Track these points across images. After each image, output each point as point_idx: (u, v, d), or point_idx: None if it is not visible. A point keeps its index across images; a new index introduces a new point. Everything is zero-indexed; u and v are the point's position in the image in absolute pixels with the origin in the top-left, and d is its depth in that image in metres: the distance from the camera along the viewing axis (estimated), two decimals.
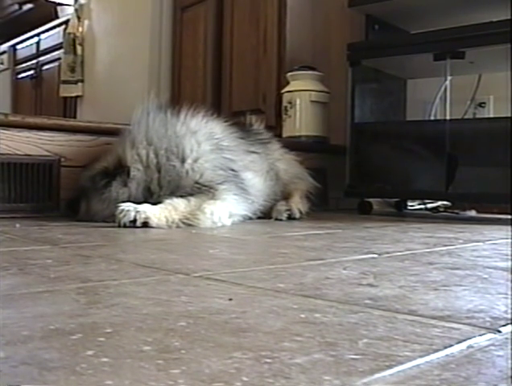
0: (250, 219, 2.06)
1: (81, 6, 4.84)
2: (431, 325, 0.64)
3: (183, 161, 1.92)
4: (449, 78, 2.64)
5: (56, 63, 5.31)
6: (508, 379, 0.47)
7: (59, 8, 5.71)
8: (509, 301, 0.78)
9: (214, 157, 1.99)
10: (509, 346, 0.56)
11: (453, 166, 2.53)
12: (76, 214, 1.95)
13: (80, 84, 4.81)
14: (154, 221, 1.71)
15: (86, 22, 4.80)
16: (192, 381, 0.45)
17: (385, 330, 0.61)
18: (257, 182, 2.17)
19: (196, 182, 1.90)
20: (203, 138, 2.00)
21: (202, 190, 1.88)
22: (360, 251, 1.30)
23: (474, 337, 0.59)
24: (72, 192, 2.04)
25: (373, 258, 1.19)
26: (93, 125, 2.31)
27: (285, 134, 3.06)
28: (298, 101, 3.03)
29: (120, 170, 1.89)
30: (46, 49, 5.66)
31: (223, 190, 1.90)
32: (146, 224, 1.69)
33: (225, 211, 1.87)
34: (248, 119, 2.53)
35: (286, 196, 2.32)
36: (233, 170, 2.01)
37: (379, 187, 2.78)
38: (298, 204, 2.27)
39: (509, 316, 0.69)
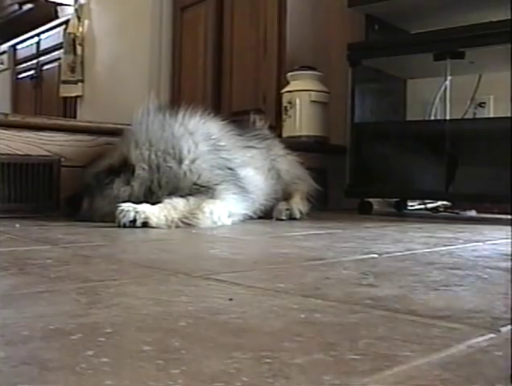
0: (251, 218, 2.06)
1: (81, 6, 4.84)
2: (431, 325, 0.64)
3: (180, 162, 1.92)
4: (449, 78, 2.64)
5: (56, 63, 5.30)
6: (508, 379, 0.47)
7: (59, 8, 5.71)
8: (509, 301, 0.78)
9: (212, 157, 1.98)
10: (509, 346, 0.56)
11: (453, 166, 2.53)
12: (76, 211, 1.94)
13: (80, 84, 4.81)
14: (153, 221, 1.71)
15: (86, 22, 4.80)
16: (191, 381, 0.45)
17: (385, 330, 0.61)
18: (258, 179, 2.16)
19: (195, 183, 1.90)
20: (200, 139, 1.99)
21: (201, 190, 1.88)
22: (360, 251, 1.30)
23: (474, 337, 0.59)
24: (74, 189, 2.03)
25: (374, 258, 1.19)
26: (93, 125, 2.31)
27: (285, 134, 3.05)
28: (298, 101, 3.02)
29: (125, 167, 1.90)
30: (46, 49, 5.66)
31: (222, 190, 1.90)
32: (145, 224, 1.70)
33: (224, 210, 1.87)
34: (252, 118, 2.52)
35: (286, 197, 2.32)
36: (231, 169, 2.01)
37: (379, 187, 2.78)
38: (298, 205, 2.27)
39: (509, 316, 0.69)
